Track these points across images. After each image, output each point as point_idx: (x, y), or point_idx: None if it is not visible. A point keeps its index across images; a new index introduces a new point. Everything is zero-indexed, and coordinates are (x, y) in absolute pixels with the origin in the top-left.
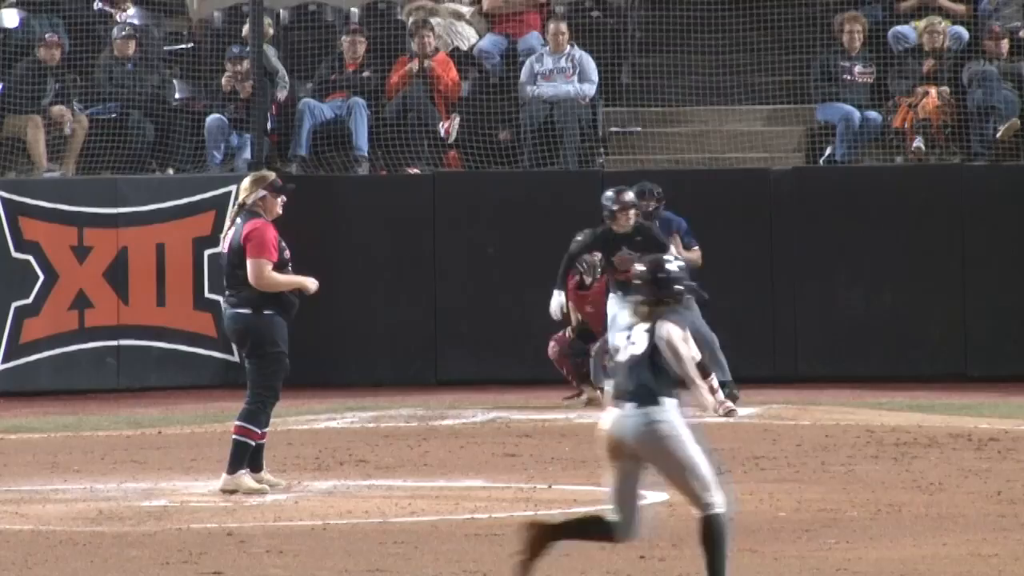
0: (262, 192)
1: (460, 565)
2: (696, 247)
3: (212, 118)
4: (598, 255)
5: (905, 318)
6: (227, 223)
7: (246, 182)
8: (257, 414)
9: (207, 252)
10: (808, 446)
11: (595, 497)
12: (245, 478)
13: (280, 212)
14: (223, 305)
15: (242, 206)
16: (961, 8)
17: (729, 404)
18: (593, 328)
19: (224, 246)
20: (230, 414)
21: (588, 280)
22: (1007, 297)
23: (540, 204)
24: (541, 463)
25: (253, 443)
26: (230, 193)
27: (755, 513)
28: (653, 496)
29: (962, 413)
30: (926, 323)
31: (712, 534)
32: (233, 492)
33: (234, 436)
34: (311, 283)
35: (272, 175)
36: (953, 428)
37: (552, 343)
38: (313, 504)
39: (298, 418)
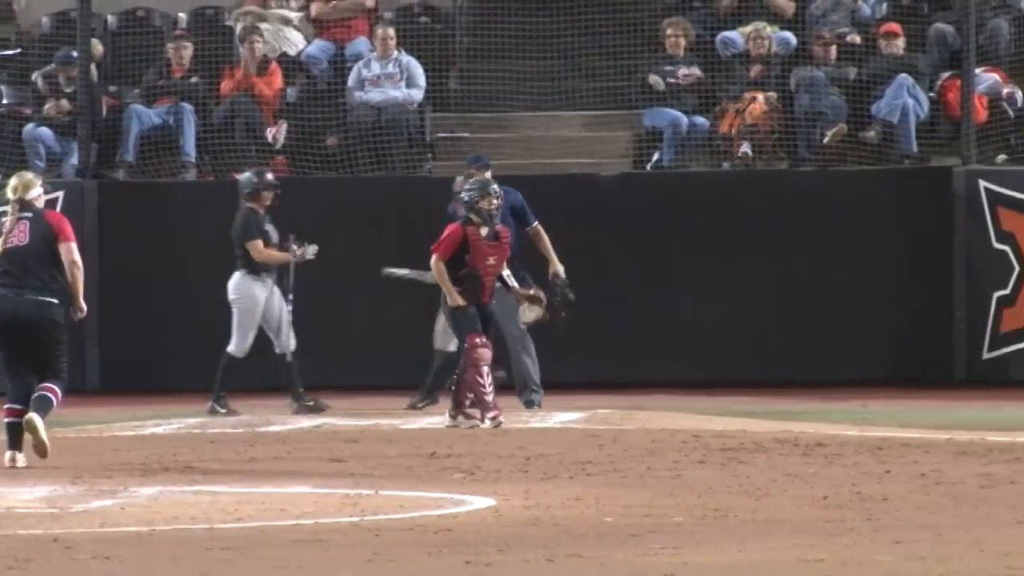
0: (39, 190)
1: (287, 571)
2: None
3: (29, 126)
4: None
5: (731, 324)
6: (9, 220)
7: (18, 181)
8: None
9: None
10: (635, 451)
11: (422, 503)
12: None
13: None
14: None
15: (20, 201)
16: (789, 6)
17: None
18: (484, 281)
19: (18, 239)
20: (57, 420)
21: (485, 231)
22: (831, 303)
23: (368, 209)
24: (367, 469)
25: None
26: (56, 200)
27: (581, 518)
28: (479, 501)
29: (787, 418)
30: (752, 329)
31: None
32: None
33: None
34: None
35: (36, 177)
36: (779, 433)
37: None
38: (139, 510)
39: (123, 423)
